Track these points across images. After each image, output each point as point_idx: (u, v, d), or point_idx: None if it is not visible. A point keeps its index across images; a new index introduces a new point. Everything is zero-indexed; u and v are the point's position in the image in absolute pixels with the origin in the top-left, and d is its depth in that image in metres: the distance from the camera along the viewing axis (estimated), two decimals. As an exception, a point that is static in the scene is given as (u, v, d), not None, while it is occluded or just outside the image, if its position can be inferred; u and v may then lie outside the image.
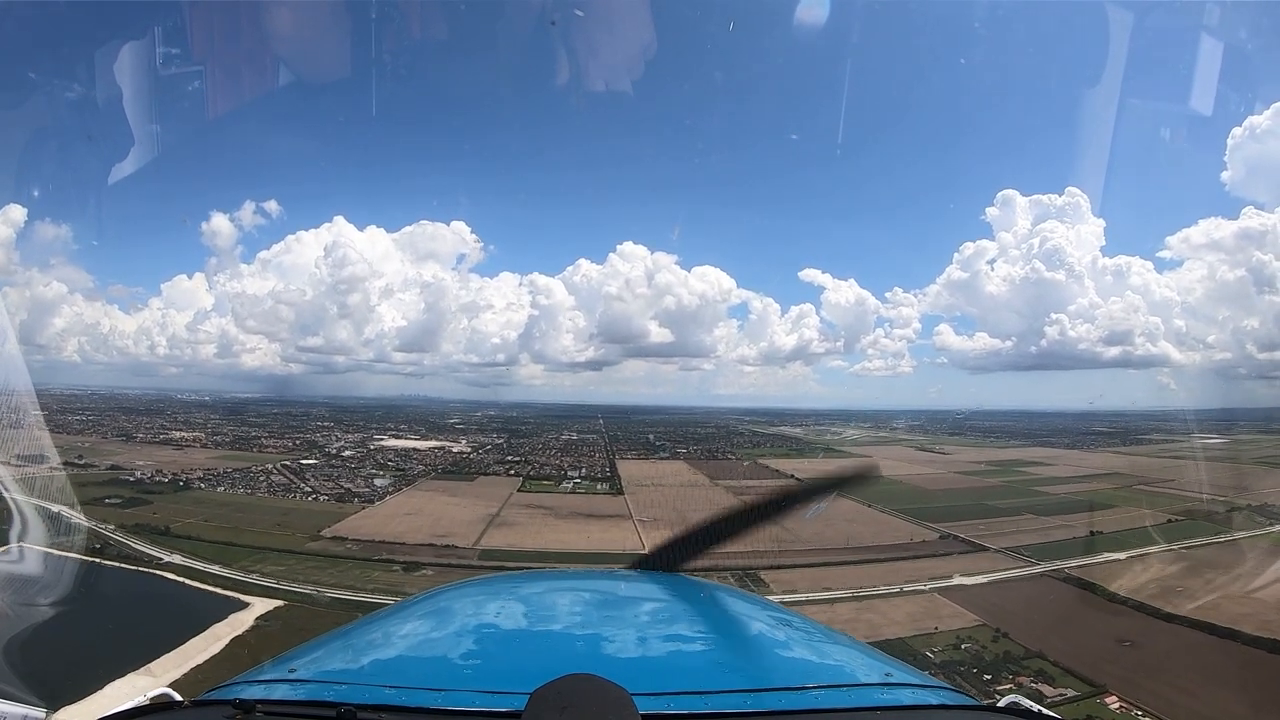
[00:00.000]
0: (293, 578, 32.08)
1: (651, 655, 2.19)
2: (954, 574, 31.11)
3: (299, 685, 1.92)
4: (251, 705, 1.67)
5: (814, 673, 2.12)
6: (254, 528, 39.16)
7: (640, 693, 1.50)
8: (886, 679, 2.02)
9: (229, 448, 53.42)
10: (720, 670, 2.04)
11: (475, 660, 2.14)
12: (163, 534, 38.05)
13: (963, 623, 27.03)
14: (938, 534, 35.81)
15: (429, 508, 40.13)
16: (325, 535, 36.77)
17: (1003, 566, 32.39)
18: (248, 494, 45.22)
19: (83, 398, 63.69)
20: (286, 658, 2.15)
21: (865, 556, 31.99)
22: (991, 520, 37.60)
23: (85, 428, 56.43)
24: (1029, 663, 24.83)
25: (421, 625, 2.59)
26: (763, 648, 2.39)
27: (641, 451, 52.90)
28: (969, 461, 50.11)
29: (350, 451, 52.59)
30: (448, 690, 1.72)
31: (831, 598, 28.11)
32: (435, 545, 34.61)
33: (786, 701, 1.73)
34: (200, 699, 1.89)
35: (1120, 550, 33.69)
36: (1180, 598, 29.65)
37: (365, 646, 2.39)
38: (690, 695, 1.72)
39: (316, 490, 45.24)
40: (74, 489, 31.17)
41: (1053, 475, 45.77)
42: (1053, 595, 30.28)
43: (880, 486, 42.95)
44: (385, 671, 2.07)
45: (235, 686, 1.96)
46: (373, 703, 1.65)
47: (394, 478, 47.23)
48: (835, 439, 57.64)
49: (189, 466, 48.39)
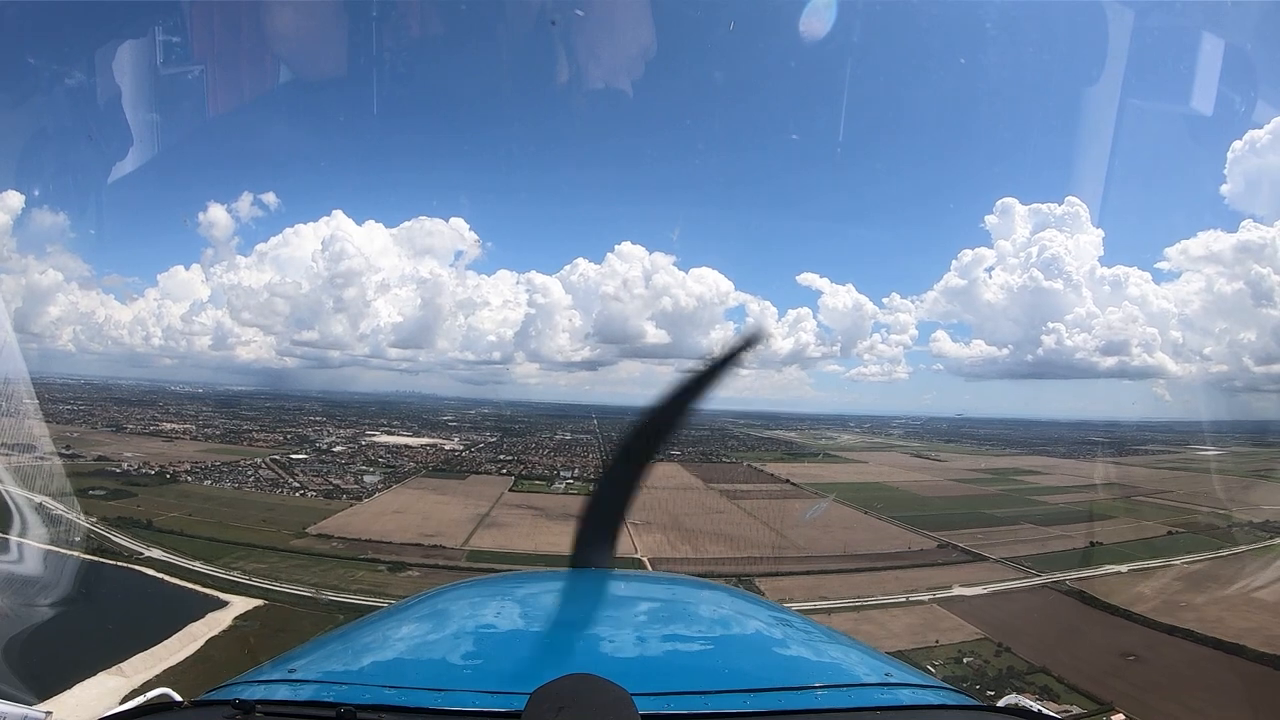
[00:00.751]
0: (275, 576, 30.81)
1: (651, 655, 2.14)
2: (953, 584, 30.03)
3: (299, 685, 1.90)
4: (251, 705, 1.64)
5: (814, 673, 2.06)
6: (239, 523, 37.93)
7: (640, 693, 1.47)
8: (886, 679, 1.98)
9: (219, 440, 52.37)
10: (720, 670, 1.99)
11: (475, 660, 2.08)
12: (145, 528, 36.78)
13: (963, 635, 25.94)
14: (935, 542, 34.72)
15: (418, 506, 38.89)
16: (311, 532, 35.50)
17: (1002, 577, 31.32)
18: (235, 488, 44.05)
19: (76, 387, 62.59)
20: (286, 658, 2.13)
21: (862, 565, 30.87)
22: (990, 529, 36.57)
23: (75, 418, 55.13)
24: (1033, 678, 23.76)
25: (421, 625, 2.56)
26: (763, 648, 2.35)
27: (636, 453, 51.57)
28: (965, 469, 49.16)
29: (341, 447, 51.46)
30: (448, 690, 1.69)
31: (828, 607, 26.95)
32: (422, 545, 33.35)
33: (786, 701, 1.70)
34: (200, 699, 1.87)
35: (1121, 562, 32.75)
36: (1183, 611, 28.89)
37: (365, 647, 2.35)
38: (690, 695, 1.69)
39: (305, 486, 44.00)
40: (58, 480, 30.09)
41: (1050, 484, 44.83)
42: (1054, 608, 29.28)
43: (878, 493, 42.09)
44: (385, 672, 2.03)
45: (235, 687, 1.93)
46: (373, 703, 1.63)
47: (384, 474, 46.10)
48: (830, 444, 56.68)
49: (177, 459, 47.31)
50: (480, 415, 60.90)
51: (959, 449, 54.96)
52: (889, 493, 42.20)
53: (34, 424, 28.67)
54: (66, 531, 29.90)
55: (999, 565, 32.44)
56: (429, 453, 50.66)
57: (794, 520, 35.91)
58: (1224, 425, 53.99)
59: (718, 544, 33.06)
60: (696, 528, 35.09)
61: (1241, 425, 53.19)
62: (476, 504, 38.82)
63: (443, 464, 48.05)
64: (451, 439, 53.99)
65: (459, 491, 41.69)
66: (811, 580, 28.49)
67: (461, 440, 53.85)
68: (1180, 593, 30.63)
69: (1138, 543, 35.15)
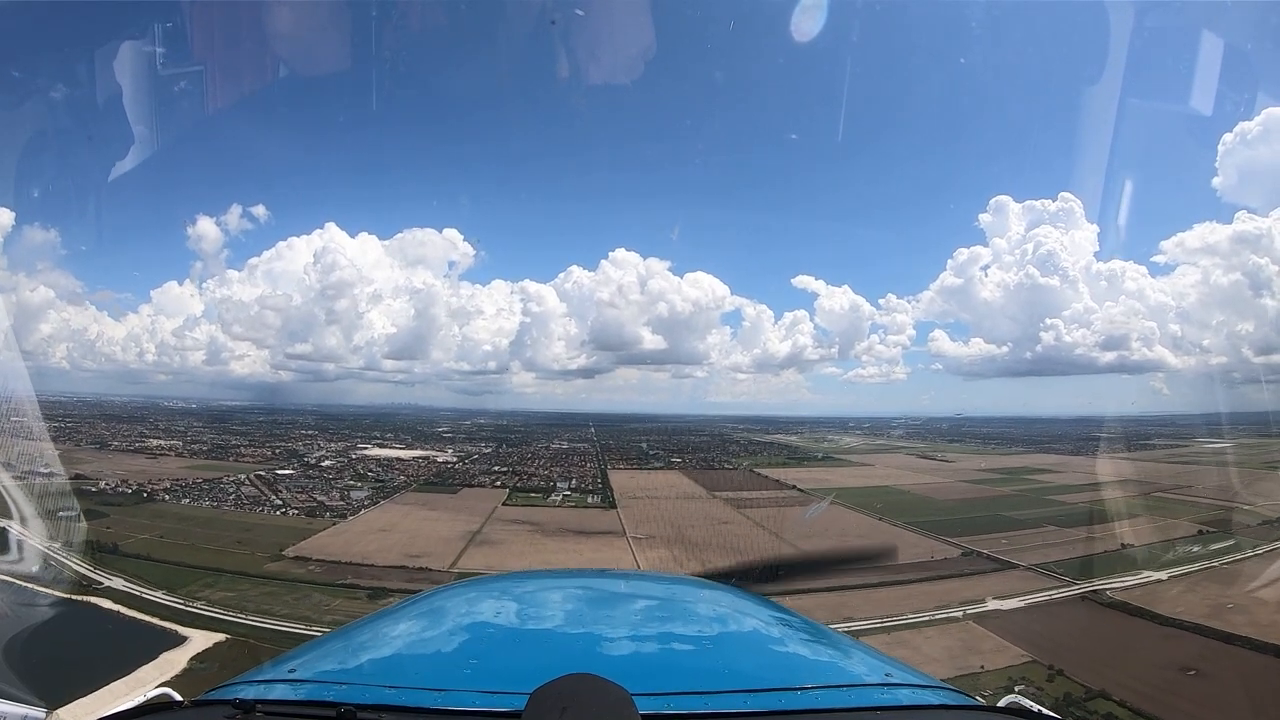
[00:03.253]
0: (242, 606, 26.84)
1: (651, 655, 2.06)
2: (986, 597, 26.33)
3: (299, 685, 1.82)
4: (251, 705, 1.59)
5: (814, 673, 1.98)
6: (212, 545, 33.93)
7: (640, 693, 1.43)
8: (886, 679, 1.92)
9: (205, 456, 48.51)
10: (720, 670, 1.92)
11: (475, 660, 2.02)
12: (110, 552, 32.68)
13: (1009, 658, 22.24)
14: (959, 550, 31.08)
15: (405, 523, 34.91)
16: (288, 555, 31.51)
17: (1037, 587, 27.67)
18: (213, 507, 40.03)
19: (67, 404, 58.37)
20: (286, 658, 2.05)
21: (885, 578, 27.11)
22: (1013, 533, 32.98)
23: (59, 435, 50.45)
24: (1094, 705, 20.11)
25: (421, 625, 2.46)
26: (763, 648, 2.27)
27: (634, 461, 48.07)
28: (974, 469, 45.65)
29: (330, 461, 47.56)
30: (448, 690, 1.64)
31: (856, 629, 23.22)
32: (407, 567, 29.39)
33: (786, 701, 1.65)
34: (200, 699, 1.79)
35: (1158, 567, 29.21)
36: (1233, 615, 25.49)
37: (365, 646, 2.26)
38: (690, 695, 1.64)
39: (287, 504, 39.98)
40: (25, 501, 26.50)
41: (1064, 483, 41.36)
42: (1098, 620, 25.65)
43: (890, 497, 38.47)
44: (385, 671, 1.95)
45: (235, 686, 1.85)
46: (373, 703, 1.58)
47: (373, 490, 42.16)
48: (833, 446, 53.24)
49: (158, 476, 43.48)
50: (476, 426, 57.40)
51: (963, 448, 51.60)
52: (901, 497, 38.58)
53: (14, 442, 26.81)
54: (19, 560, 26.46)
55: (1030, 574, 28.79)
56: (421, 466, 46.86)
57: (806, 530, 32.27)
58: (1225, 417, 51.63)
59: (727, 557, 29.31)
60: (703, 540, 31.41)
61: (1243, 417, 50.73)
62: (468, 520, 34.87)
63: (435, 477, 44.21)
64: (445, 451, 50.35)
65: (450, 506, 37.72)
66: (834, 598, 24.70)
67: (456, 452, 50.17)
68: (1226, 595, 27.27)
69: (1169, 544, 31.66)
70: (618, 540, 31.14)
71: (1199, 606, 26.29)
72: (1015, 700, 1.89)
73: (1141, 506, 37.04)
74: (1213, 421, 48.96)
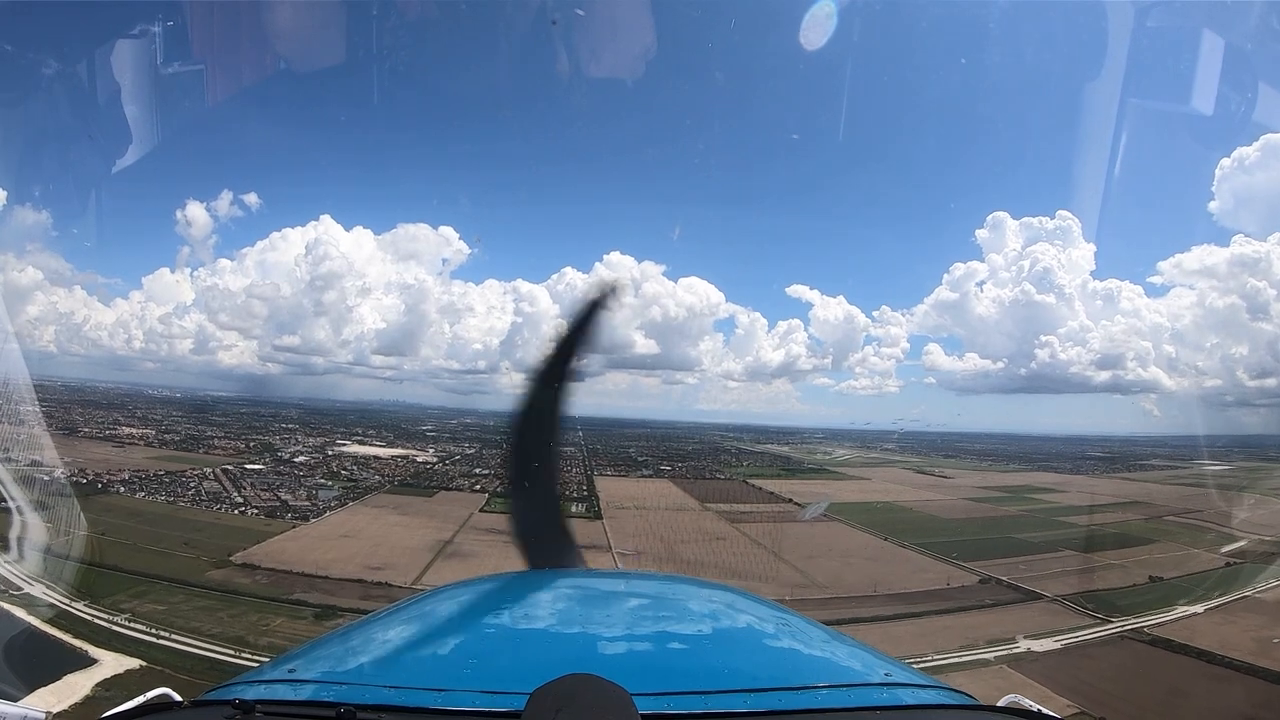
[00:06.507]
0: (170, 622, 22.20)
1: (651, 655, 1.94)
2: (1016, 635, 22.19)
3: (299, 685, 1.76)
4: (251, 705, 1.51)
5: (814, 672, 1.86)
6: (155, 546, 29.19)
7: (640, 693, 1.39)
8: (886, 679, 1.80)
9: (175, 447, 43.80)
10: (720, 670, 1.80)
11: (475, 660, 1.88)
12: (40, 551, 27.88)
13: (1054, 710, 18.05)
14: (976, 576, 27.01)
15: (371, 529, 30.28)
16: (235, 561, 26.84)
17: (1069, 625, 23.56)
18: (169, 502, 35.28)
19: (49, 389, 53.18)
20: (286, 658, 1.97)
21: (900, 609, 22.98)
22: (1029, 558, 28.98)
23: (25, 420, 45.55)
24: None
25: (421, 625, 2.32)
26: (763, 647, 2.12)
27: (622, 468, 43.70)
28: (975, 486, 41.76)
29: (305, 457, 42.91)
30: (447, 690, 1.57)
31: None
32: (364, 581, 24.81)
33: (786, 701, 1.59)
34: (200, 699, 1.72)
35: (1193, 599, 25.32)
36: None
37: (365, 646, 2.11)
38: (690, 695, 1.58)
39: (248, 502, 35.29)
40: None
41: (1070, 504, 37.54)
42: (1143, 663, 21.66)
43: (893, 514, 34.37)
44: (385, 671, 1.83)
45: (235, 686, 1.77)
46: (373, 703, 1.52)
47: (343, 489, 37.55)
48: (826, 458, 49.28)
49: (119, 466, 38.78)
50: (462, 425, 53.02)
51: (961, 464, 47.77)
52: (904, 514, 34.53)
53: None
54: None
55: (1058, 607, 24.72)
56: (399, 465, 42.32)
57: (808, 549, 28.11)
58: (1219, 440, 48.86)
59: (724, 580, 25.08)
60: (697, 559, 27.12)
61: (1237, 440, 48.01)
62: (440, 527, 30.29)
63: (411, 478, 39.69)
64: (426, 450, 45.96)
65: (423, 511, 33.11)
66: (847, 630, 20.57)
67: (437, 452, 45.78)
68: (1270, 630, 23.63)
69: (1200, 575, 27.84)
70: (601, 556, 26.59)
71: (1244, 642, 22.57)
72: (1015, 700, 1.77)
73: (1157, 531, 33.33)
74: (1211, 444, 46.06)
